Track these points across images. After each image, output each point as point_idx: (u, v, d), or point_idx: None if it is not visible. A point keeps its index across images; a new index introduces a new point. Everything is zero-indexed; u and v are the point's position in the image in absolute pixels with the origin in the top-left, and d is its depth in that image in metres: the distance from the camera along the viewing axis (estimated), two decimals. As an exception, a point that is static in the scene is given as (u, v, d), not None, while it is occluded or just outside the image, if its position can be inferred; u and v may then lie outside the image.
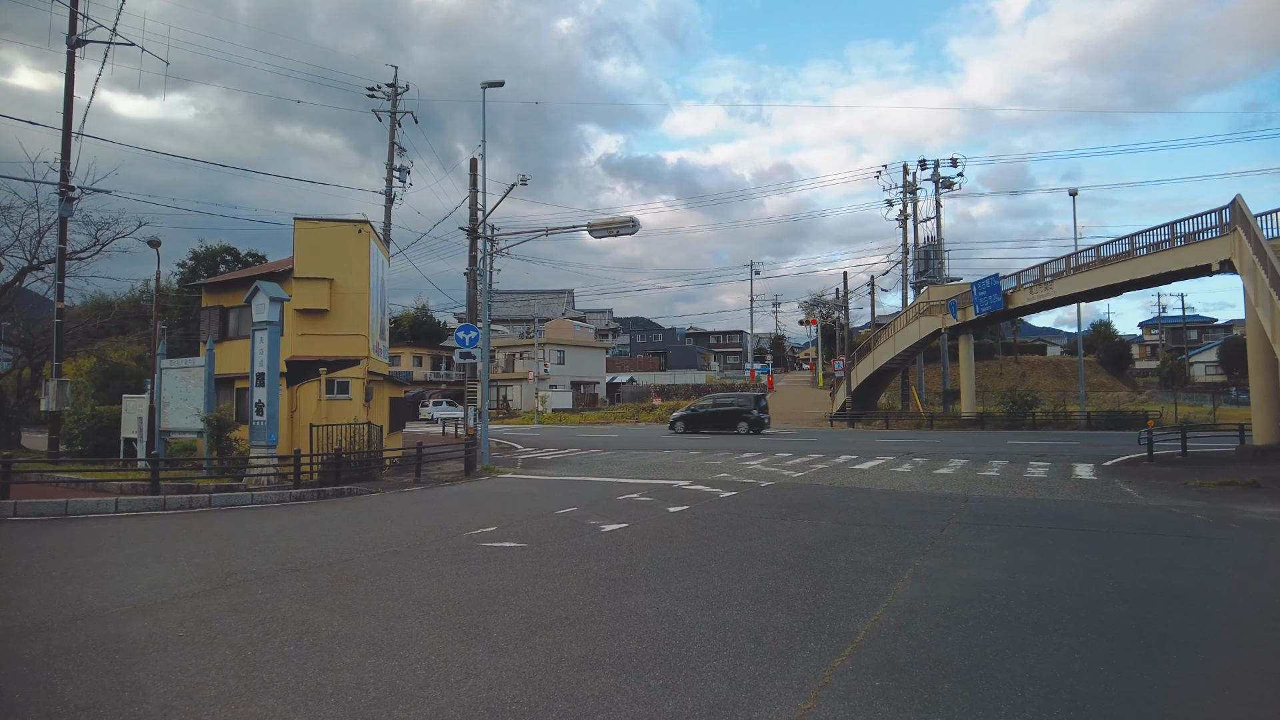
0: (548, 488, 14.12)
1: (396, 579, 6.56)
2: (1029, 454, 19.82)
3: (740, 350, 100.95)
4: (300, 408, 18.19)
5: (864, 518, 9.92)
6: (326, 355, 18.27)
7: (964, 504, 11.31)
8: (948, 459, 18.69)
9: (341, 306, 18.66)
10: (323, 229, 18.77)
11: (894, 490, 13.05)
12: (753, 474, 15.86)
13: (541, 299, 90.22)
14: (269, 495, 12.75)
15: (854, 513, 10.37)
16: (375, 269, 19.64)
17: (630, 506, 11.09)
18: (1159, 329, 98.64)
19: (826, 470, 16.37)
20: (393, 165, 27.60)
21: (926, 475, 15.27)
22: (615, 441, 27.67)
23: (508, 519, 10.09)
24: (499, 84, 19.31)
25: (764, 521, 9.61)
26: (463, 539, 8.56)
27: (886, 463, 17.81)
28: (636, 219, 16.49)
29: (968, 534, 8.72)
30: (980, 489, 13.09)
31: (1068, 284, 26.26)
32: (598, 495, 12.61)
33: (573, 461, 19.88)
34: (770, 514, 10.27)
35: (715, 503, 11.41)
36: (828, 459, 19.01)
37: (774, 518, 9.93)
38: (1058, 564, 7.13)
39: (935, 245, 39.84)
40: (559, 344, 62.83)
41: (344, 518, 10.68)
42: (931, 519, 9.85)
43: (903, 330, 35.93)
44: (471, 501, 12.31)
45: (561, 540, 8.39)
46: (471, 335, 17.64)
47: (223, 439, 15.91)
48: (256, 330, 15.22)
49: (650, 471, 16.76)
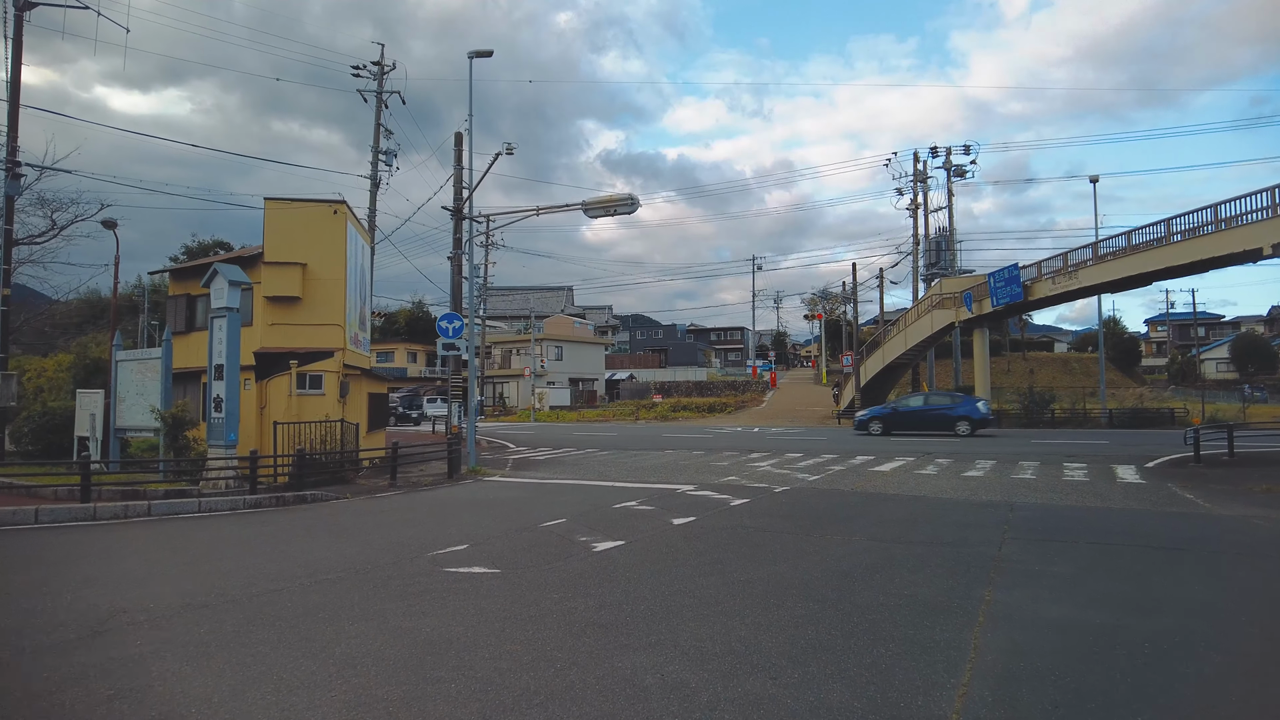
0: (536, 493, 12.65)
1: (326, 622, 5.10)
2: (1058, 454, 18.36)
3: (741, 347, 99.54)
4: (270, 404, 16.71)
5: (902, 531, 8.46)
6: (298, 347, 16.80)
7: (1010, 513, 9.85)
8: (973, 460, 17.22)
9: (315, 294, 17.17)
10: (295, 209, 17.28)
11: (924, 496, 11.59)
12: (763, 477, 14.40)
13: (540, 295, 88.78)
14: (220, 502, 11.28)
15: (888, 525, 8.91)
16: (353, 254, 18.16)
17: (628, 517, 9.62)
18: (1166, 325, 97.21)
19: (844, 473, 14.91)
20: (378, 148, 26.09)
21: (955, 479, 13.82)
22: (614, 440, 26.20)
23: (484, 533, 8.62)
24: (487, 53, 17.82)
25: (786, 537, 8.14)
26: (424, 561, 7.08)
27: (908, 464, 16.34)
28: (635, 197, 15.04)
29: (1032, 554, 7.25)
30: (1020, 495, 11.64)
31: (1094, 273, 24.72)
32: (591, 502, 11.14)
33: (567, 462, 18.41)
34: (792, 527, 8.80)
35: (726, 513, 9.94)
36: (843, 460, 17.54)
37: (797, 532, 8.46)
38: (1167, 600, 5.66)
39: (947, 236, 38.33)
40: (557, 340, 61.36)
41: (296, 530, 9.21)
42: (979, 532, 8.40)
43: (914, 324, 34.44)
44: (447, 510, 10.83)
45: (543, 564, 6.91)
46: (455, 325, 16.16)
47: (180, 438, 14.42)
48: (215, 318, 13.76)
49: (651, 474, 15.29)
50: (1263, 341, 72.58)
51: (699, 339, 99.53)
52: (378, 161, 26.04)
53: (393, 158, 26.44)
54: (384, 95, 26.56)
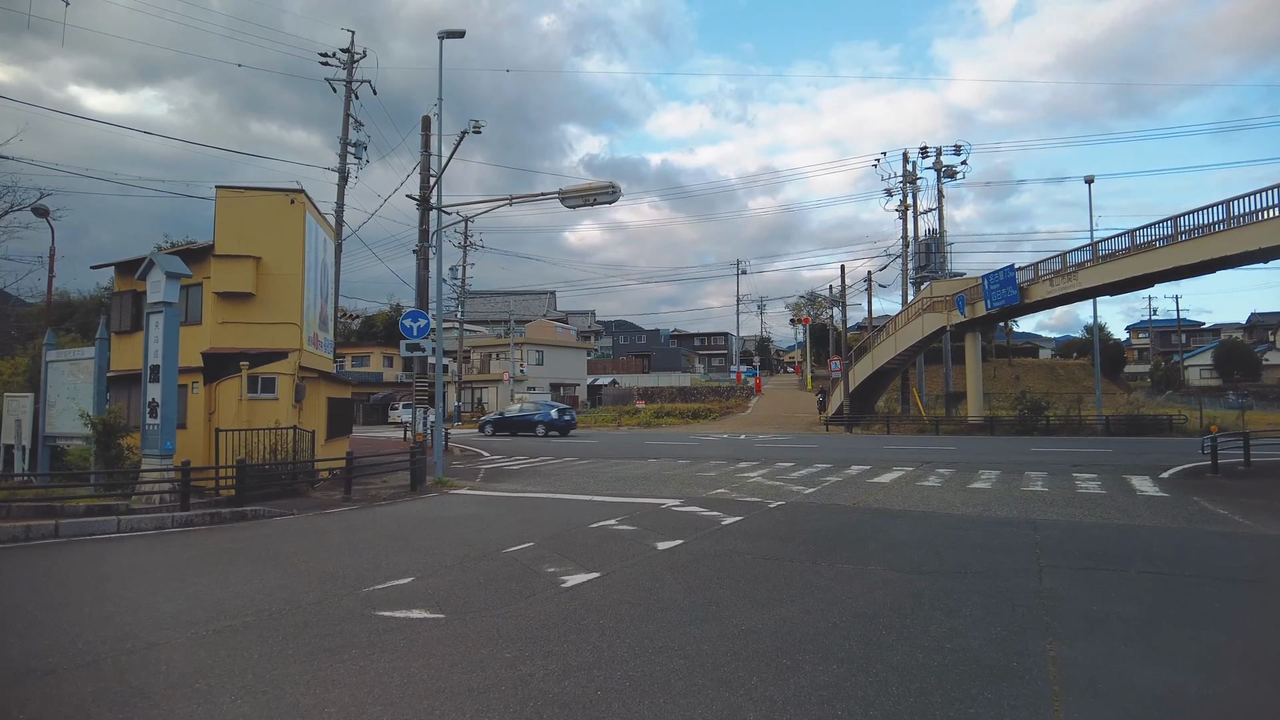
0: (505, 509, 11.41)
1: (199, 698, 3.85)
2: (1063, 463, 17.36)
3: (725, 352, 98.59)
4: (219, 409, 15.33)
5: (921, 558, 7.31)
6: (250, 347, 15.45)
7: (1035, 533, 8.76)
8: (976, 470, 16.18)
9: (270, 290, 15.82)
10: (249, 199, 15.93)
11: (934, 513, 10.48)
12: (755, 489, 13.24)
13: (522, 299, 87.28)
14: (145, 521, 9.94)
15: (904, 550, 7.76)
16: (313, 247, 16.83)
17: (605, 540, 8.40)
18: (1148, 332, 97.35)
19: (842, 485, 13.78)
20: (347, 139, 24.75)
21: (962, 491, 12.74)
22: (593, 448, 24.95)
23: (436, 561, 7.38)
24: (459, 33, 16.64)
25: (789, 567, 6.96)
26: (356, 600, 5.83)
27: (908, 475, 15.25)
28: (616, 185, 13.86)
29: (1081, 587, 6.13)
30: (1038, 510, 10.56)
31: (1096, 274, 23.80)
32: (565, 521, 9.92)
33: (543, 473, 17.16)
34: (794, 553, 7.62)
35: (717, 534, 8.75)
36: (838, 470, 16.43)
37: (801, 559, 7.28)
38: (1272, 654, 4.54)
39: (937, 238, 37.45)
40: (538, 344, 59.99)
41: (219, 556, 7.92)
42: (1010, 558, 7.28)
43: (904, 328, 33.47)
44: (401, 530, 9.56)
45: (499, 605, 5.68)
46: (420, 324, 14.88)
47: (112, 446, 13.03)
48: (151, 313, 12.40)
49: (633, 486, 14.09)
50: (1246, 348, 72.59)
51: (683, 344, 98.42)
52: (346, 153, 24.69)
53: (363, 150, 25.10)
54: (354, 85, 25.23)
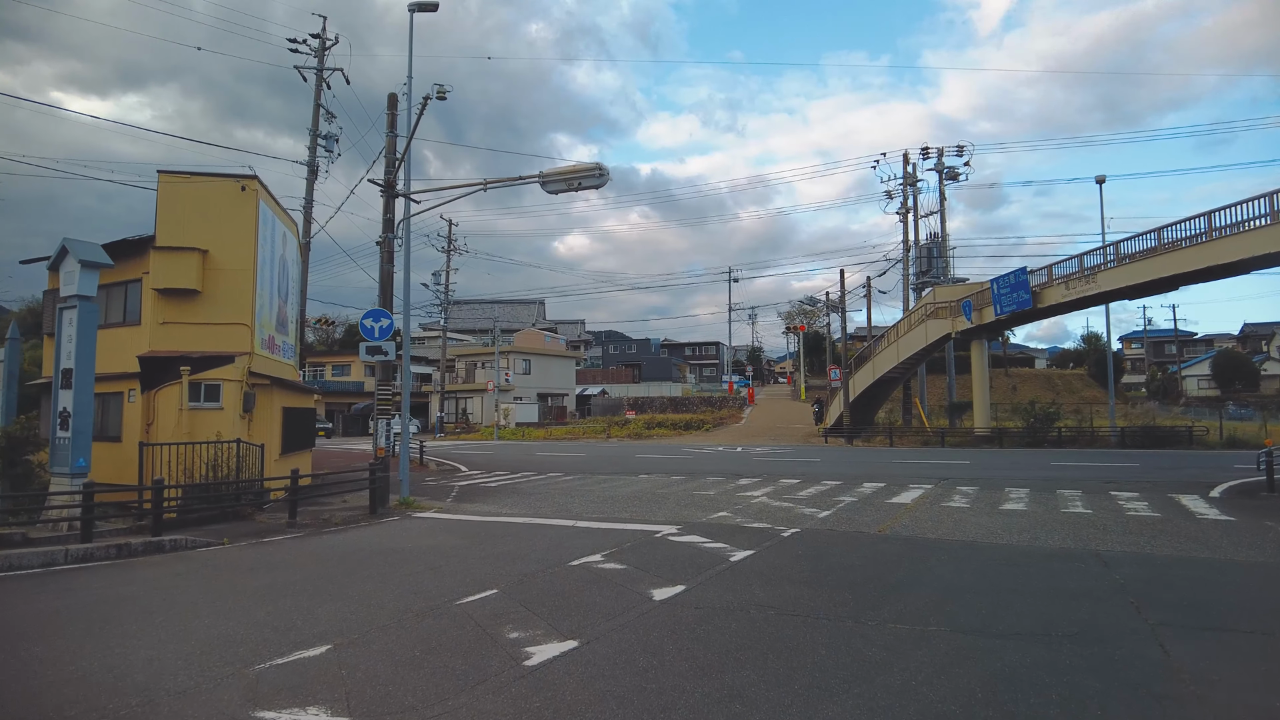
0: (472, 539, 9.73)
1: None
2: (1092, 479, 15.83)
3: (716, 362, 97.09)
4: (158, 420, 13.59)
5: (989, 611, 5.70)
6: (194, 350, 13.74)
7: (1108, 572, 7.21)
8: (1001, 488, 14.61)
9: (218, 287, 14.13)
10: (194, 185, 14.25)
11: (977, 543, 8.88)
12: (761, 512, 11.61)
13: (510, 308, 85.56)
14: (31, 557, 8.20)
15: (962, 598, 6.14)
16: (268, 240, 15.15)
17: (588, 586, 6.73)
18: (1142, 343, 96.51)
19: (859, 507, 12.16)
20: (317, 132, 23.09)
21: (996, 514, 11.15)
22: (581, 462, 23.25)
23: (367, 619, 5.70)
24: (431, 7, 15.05)
25: (829, 629, 5.32)
26: (237, 689, 4.14)
27: (929, 495, 13.66)
28: (603, 167, 12.28)
29: (1226, 662, 4.53)
30: (1095, 539, 9.00)
31: (1116, 276, 22.34)
32: (541, 556, 8.25)
33: (523, 491, 15.48)
34: (829, 606, 5.98)
35: (727, 576, 7.10)
36: (849, 488, 14.81)
37: (841, 617, 5.64)
38: None
39: (940, 242, 36.02)
40: (525, 353, 58.26)
41: (93, 609, 6.21)
42: (1101, 612, 5.68)
43: (906, 335, 31.97)
44: (340, 570, 7.87)
45: (433, 702, 4.00)
46: (383, 324, 13.20)
47: (18, 463, 11.31)
48: (64, 309, 10.75)
49: (622, 507, 12.43)
50: (1245, 359, 71.71)
51: (673, 354, 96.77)
52: (316, 146, 23.03)
53: (334, 143, 23.45)
54: (325, 73, 23.60)
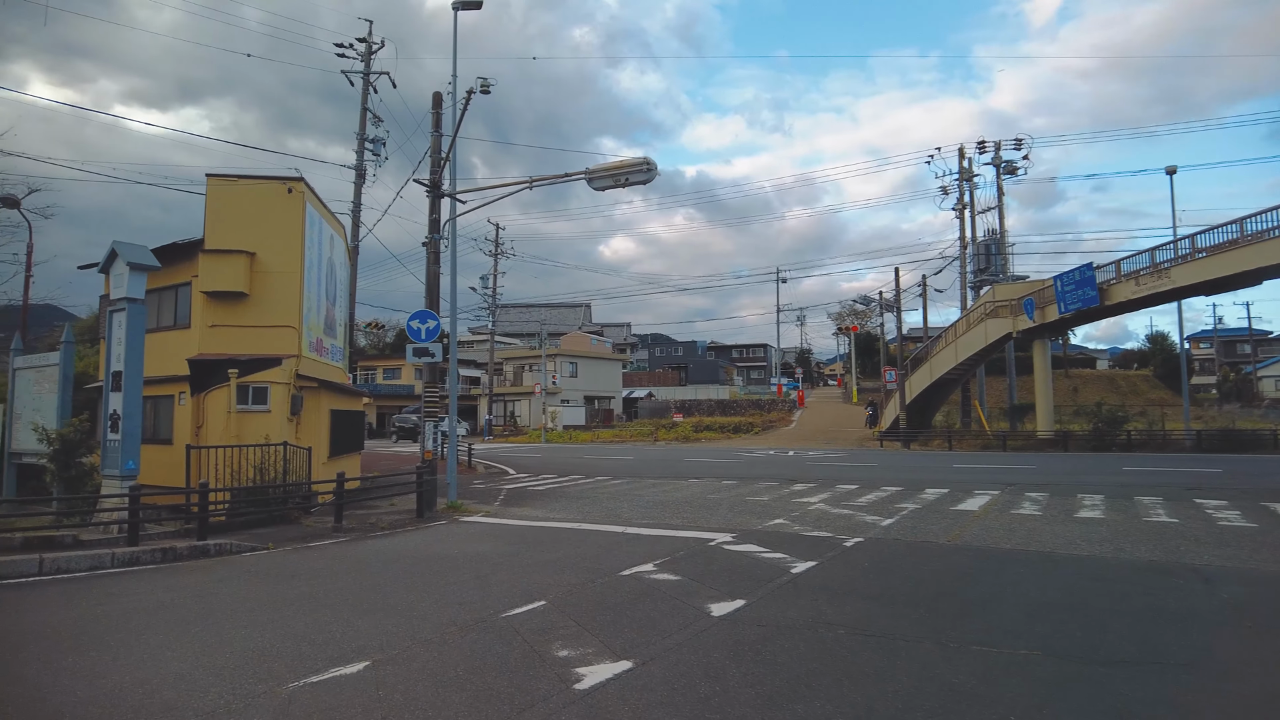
0: (520, 545, 9.39)
1: None
2: (1171, 485, 14.84)
3: (764, 364, 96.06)
4: (208, 423, 13.63)
5: (1083, 634, 5.10)
6: (242, 353, 13.75)
7: (1210, 589, 6.53)
8: (1073, 494, 13.77)
9: (265, 289, 14.14)
10: (242, 188, 14.28)
11: (1055, 554, 8.20)
12: (820, 520, 11.04)
13: (556, 311, 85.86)
14: (79, 560, 8.12)
15: (1051, 617, 5.54)
16: (315, 242, 15.12)
17: (641, 599, 6.31)
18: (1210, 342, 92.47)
19: (924, 515, 11.51)
20: (364, 135, 23.20)
21: (1071, 523, 10.40)
22: (629, 466, 22.88)
23: (409, 632, 5.37)
24: (475, 4, 14.86)
25: (907, 652, 4.80)
26: (269, 709, 3.82)
27: (996, 501, 12.91)
28: (651, 161, 11.87)
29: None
30: (1187, 551, 8.24)
31: (1193, 270, 21.06)
32: (591, 564, 7.86)
33: (571, 495, 15.15)
34: (905, 625, 5.44)
35: (790, 591, 6.60)
36: (911, 494, 14.13)
37: (920, 637, 5.10)
38: None
39: (998, 239, 34.75)
40: (572, 356, 58.21)
41: (133, 617, 6.01)
42: (1210, 635, 5.05)
43: (965, 335, 30.87)
44: (384, 577, 7.58)
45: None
46: (430, 325, 13.01)
47: (72, 465, 11.37)
48: (113, 312, 10.75)
49: (674, 513, 11.99)
50: (1327, 358, 67.93)
51: (720, 356, 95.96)
52: (363, 149, 23.13)
53: (381, 146, 23.54)
54: (371, 77, 23.71)
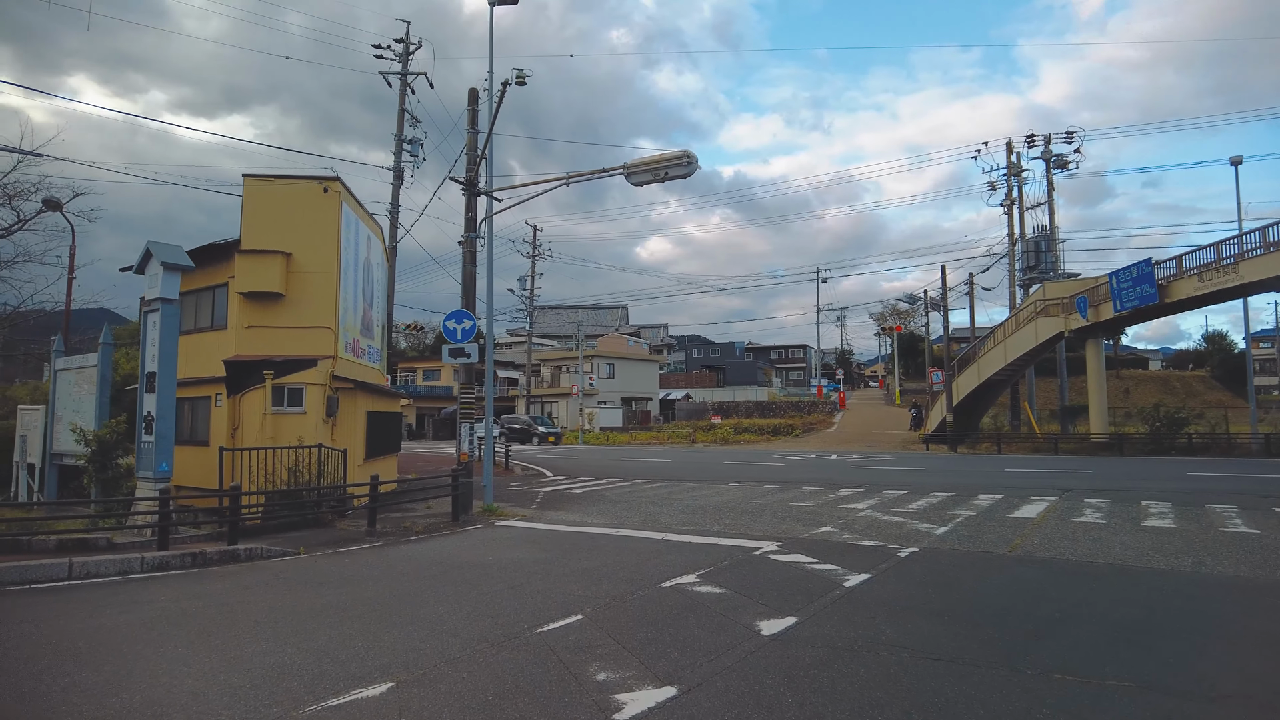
0: (556, 551, 9.05)
1: None
2: (1244, 492, 13.94)
3: (804, 365, 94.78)
4: (244, 424, 13.57)
5: (1182, 662, 4.55)
6: (278, 354, 13.65)
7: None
8: (1136, 500, 13.00)
9: (301, 289, 14.04)
10: (278, 188, 14.21)
11: (1129, 567, 7.59)
12: (869, 527, 10.51)
13: (593, 313, 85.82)
14: (108, 564, 7.97)
15: (1136, 639, 4.99)
16: (352, 242, 15.00)
17: (684, 614, 5.90)
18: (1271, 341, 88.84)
19: (978, 521, 10.90)
20: (402, 136, 23.16)
21: (1140, 533, 9.72)
22: (667, 469, 22.46)
23: (437, 649, 5.03)
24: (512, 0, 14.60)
25: (980, 679, 4.30)
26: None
27: (1055, 509, 12.21)
28: (692, 154, 11.45)
29: None
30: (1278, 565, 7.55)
31: (1264, 265, 19.95)
32: (630, 574, 7.47)
33: (608, 498, 14.79)
34: (975, 648, 4.93)
35: (844, 606, 6.13)
36: (963, 500, 13.48)
37: (993, 663, 4.60)
38: None
39: (1048, 236, 33.59)
40: (609, 357, 57.96)
41: (153, 627, 5.78)
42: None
43: (1014, 335, 29.86)
44: (416, 585, 7.29)
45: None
46: (466, 326, 12.75)
47: (109, 466, 11.33)
48: (148, 312, 10.68)
49: (714, 519, 11.55)
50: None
51: (758, 358, 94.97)
52: (401, 150, 23.10)
53: (419, 146, 23.50)
54: (409, 78, 23.68)
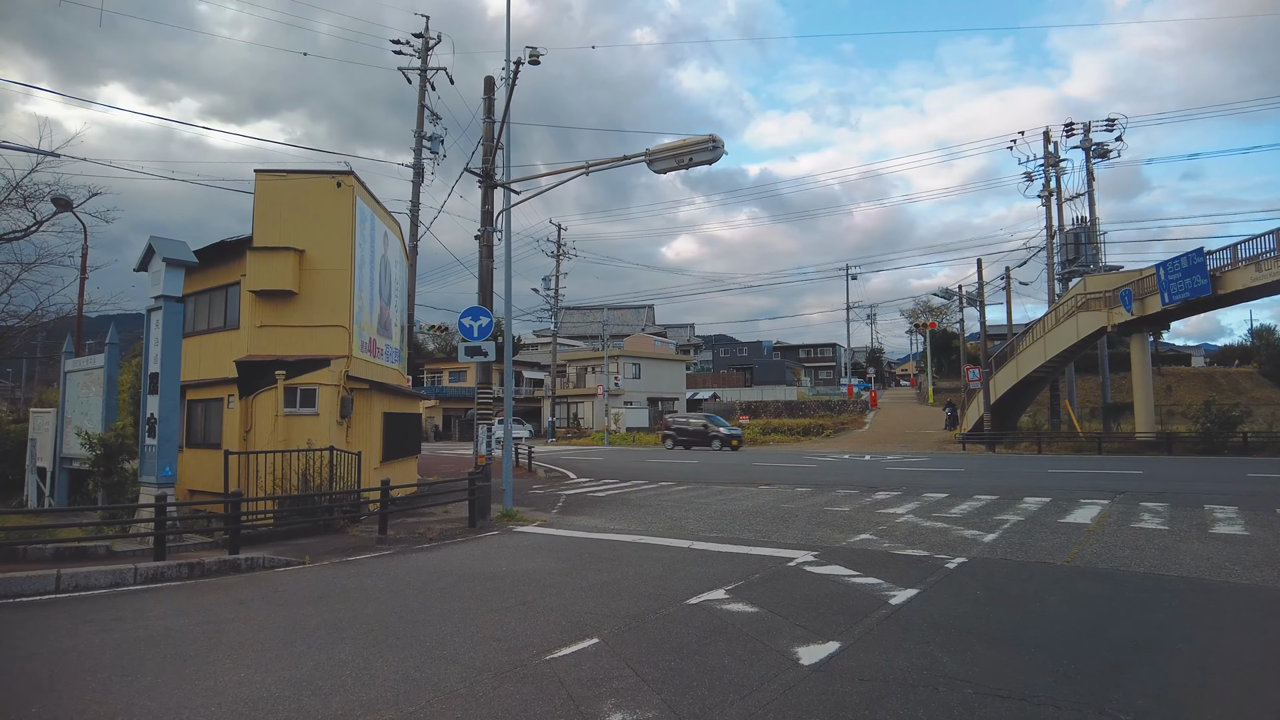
0: (573, 561, 8.45)
1: None
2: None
3: (833, 364, 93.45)
4: (256, 426, 13.19)
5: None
6: (290, 354, 13.25)
7: None
8: (1198, 504, 12.11)
9: (314, 287, 13.63)
10: (290, 183, 13.82)
11: (1205, 580, 6.83)
12: (911, 534, 9.78)
13: (619, 313, 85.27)
14: (99, 576, 7.51)
15: (1238, 671, 4.27)
16: (366, 239, 14.56)
17: (711, 638, 5.26)
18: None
19: (1028, 527, 10.12)
20: (421, 133, 22.76)
21: (1211, 541, 8.89)
22: (693, 470, 21.80)
23: (435, 677, 4.44)
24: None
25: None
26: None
27: (1109, 513, 11.37)
28: (718, 138, 10.82)
29: None
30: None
31: (1329, 253, 18.87)
32: (651, 589, 6.84)
33: (633, 502, 14.18)
34: (1046, 681, 4.23)
35: (892, 629, 5.45)
36: (1009, 504, 12.66)
37: (1079, 704, 3.90)
38: None
39: (1088, 228, 32.35)
40: (635, 357, 57.36)
41: (127, 650, 5.27)
42: None
43: (1054, 330, 28.73)
44: (417, 601, 6.72)
45: None
46: (482, 322, 12.21)
47: (115, 471, 10.95)
48: (151, 311, 10.27)
49: (744, 525, 10.88)
50: None
51: (786, 357, 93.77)
52: (421, 147, 22.70)
53: (440, 143, 23.09)
54: (429, 73, 23.29)
